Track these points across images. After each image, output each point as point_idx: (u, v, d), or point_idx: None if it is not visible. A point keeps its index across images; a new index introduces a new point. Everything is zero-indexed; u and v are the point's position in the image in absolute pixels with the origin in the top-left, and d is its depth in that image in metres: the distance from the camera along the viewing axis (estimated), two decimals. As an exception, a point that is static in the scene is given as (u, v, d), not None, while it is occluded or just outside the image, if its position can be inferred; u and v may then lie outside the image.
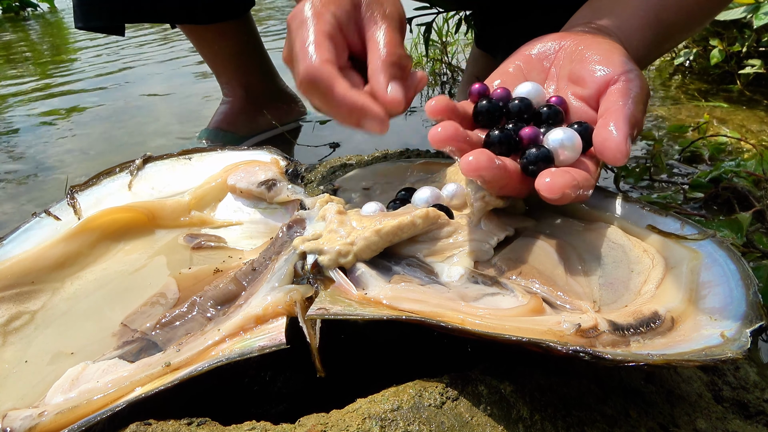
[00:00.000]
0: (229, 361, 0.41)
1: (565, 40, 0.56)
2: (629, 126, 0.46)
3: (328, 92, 0.50)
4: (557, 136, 0.48)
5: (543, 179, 0.44)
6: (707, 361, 0.35)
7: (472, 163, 0.44)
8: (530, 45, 0.58)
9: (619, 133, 0.46)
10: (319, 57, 0.51)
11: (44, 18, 3.91)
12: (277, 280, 0.47)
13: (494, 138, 0.50)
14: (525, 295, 0.44)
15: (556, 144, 0.48)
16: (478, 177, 0.45)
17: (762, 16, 1.19)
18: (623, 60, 0.51)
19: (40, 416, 0.40)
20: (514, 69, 0.57)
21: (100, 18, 1.05)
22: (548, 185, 0.43)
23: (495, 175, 0.45)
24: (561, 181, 0.44)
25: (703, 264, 0.45)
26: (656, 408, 0.43)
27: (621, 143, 0.45)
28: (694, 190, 0.89)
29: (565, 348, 0.35)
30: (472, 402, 0.39)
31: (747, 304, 0.40)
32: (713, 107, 1.26)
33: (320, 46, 0.51)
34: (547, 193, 0.43)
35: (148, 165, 0.68)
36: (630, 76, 0.50)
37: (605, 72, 0.51)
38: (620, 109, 0.48)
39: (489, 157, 0.45)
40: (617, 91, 0.49)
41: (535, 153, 0.47)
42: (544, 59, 0.57)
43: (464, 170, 0.44)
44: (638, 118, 0.48)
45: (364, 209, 0.54)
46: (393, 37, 0.54)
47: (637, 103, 0.48)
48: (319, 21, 0.52)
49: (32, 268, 0.55)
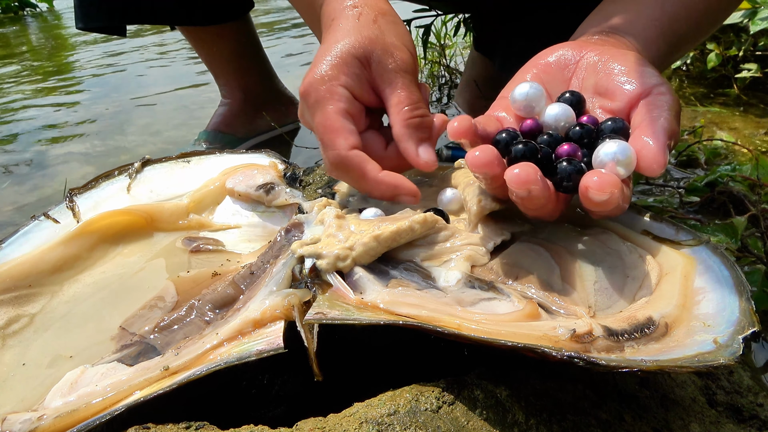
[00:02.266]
0: (227, 365, 0.41)
1: (586, 50, 0.54)
2: (665, 136, 0.45)
3: (360, 178, 0.53)
4: (610, 149, 0.44)
5: (591, 178, 0.42)
6: (700, 367, 0.35)
7: (521, 176, 0.42)
8: (547, 53, 0.56)
9: (655, 143, 0.44)
10: (346, 144, 0.53)
11: (43, 18, 3.90)
12: (275, 284, 0.48)
13: (518, 152, 0.46)
14: (521, 300, 0.45)
15: (607, 158, 0.44)
16: (526, 191, 0.43)
17: (759, 21, 1.19)
18: (652, 73, 0.50)
19: (40, 420, 0.40)
20: (531, 78, 0.55)
21: (100, 18, 1.06)
22: (598, 183, 0.42)
23: (542, 191, 0.43)
24: (610, 179, 0.42)
25: (697, 270, 0.46)
26: (650, 412, 0.43)
27: (658, 153, 0.44)
28: (690, 194, 0.90)
29: (559, 354, 0.36)
30: (468, 406, 0.39)
31: (740, 310, 0.40)
32: (710, 111, 1.27)
33: (341, 132, 0.53)
34: (598, 191, 0.42)
35: (146, 168, 0.68)
36: (662, 89, 0.48)
37: (635, 85, 0.49)
38: (655, 120, 0.46)
39: (535, 170, 0.43)
40: (650, 103, 0.48)
41: (567, 167, 0.45)
42: (563, 69, 0.55)
43: (512, 184, 0.43)
44: (674, 129, 0.46)
45: (364, 214, 0.55)
46: (410, 95, 0.56)
47: (672, 115, 0.47)
48: (332, 100, 0.54)
49: (31, 271, 0.56)
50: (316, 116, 0.55)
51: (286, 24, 2.71)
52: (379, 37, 0.56)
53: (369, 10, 0.58)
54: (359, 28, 0.57)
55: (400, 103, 0.55)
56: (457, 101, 1.42)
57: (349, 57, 0.55)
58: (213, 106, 1.27)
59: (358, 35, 0.56)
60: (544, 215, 0.47)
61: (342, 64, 0.55)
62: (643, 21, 0.58)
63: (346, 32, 0.57)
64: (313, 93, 0.55)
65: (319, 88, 0.55)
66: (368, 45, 0.56)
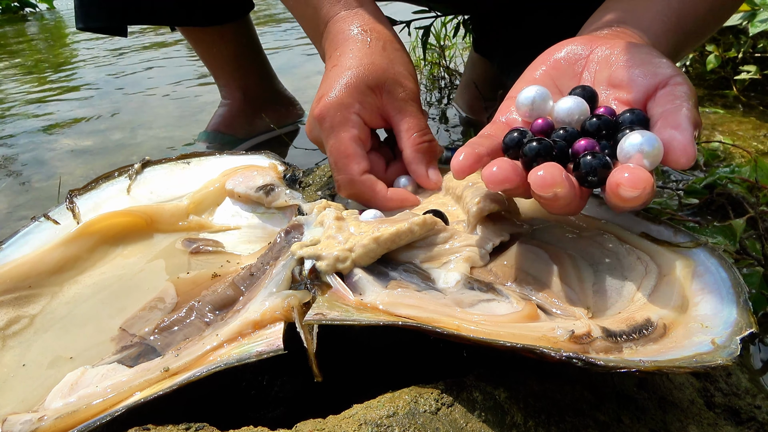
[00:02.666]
0: (227, 366, 0.41)
1: (596, 44, 0.53)
2: (692, 126, 0.43)
3: (371, 198, 0.59)
4: (635, 141, 0.42)
5: (621, 173, 0.40)
6: (697, 367, 0.36)
7: (546, 179, 0.40)
8: (556, 49, 0.55)
9: (682, 134, 0.42)
10: (358, 170, 0.59)
11: (43, 18, 3.90)
12: (275, 286, 0.48)
13: (532, 151, 0.44)
14: (520, 301, 0.45)
15: (633, 150, 0.42)
16: (552, 193, 0.41)
17: (758, 23, 1.20)
18: (667, 63, 0.49)
19: (40, 421, 0.40)
20: (541, 75, 0.54)
21: (100, 19, 1.06)
22: (630, 179, 0.39)
23: (569, 191, 0.41)
24: (642, 175, 0.40)
25: (695, 272, 0.46)
26: (649, 414, 0.44)
27: (688, 145, 0.42)
28: (689, 195, 0.90)
29: (558, 354, 0.36)
30: (467, 408, 0.39)
31: (737, 311, 0.40)
32: (709, 113, 1.27)
33: (353, 157, 0.59)
34: (630, 188, 0.39)
35: (146, 169, 0.68)
36: (679, 80, 0.47)
37: (651, 76, 0.48)
38: (678, 109, 0.44)
39: (560, 170, 0.41)
40: (669, 93, 0.46)
41: (592, 161, 0.42)
42: (573, 64, 0.53)
43: (537, 187, 0.41)
44: (696, 119, 0.45)
45: (363, 216, 0.55)
46: (419, 122, 0.61)
47: (691, 104, 0.45)
48: (346, 127, 0.60)
49: (31, 272, 0.56)
50: (330, 140, 0.60)
51: (287, 25, 2.71)
52: (389, 67, 0.61)
53: (377, 38, 0.63)
54: (371, 56, 0.61)
55: (410, 130, 0.61)
56: (457, 102, 1.42)
57: (363, 85, 0.60)
58: (213, 107, 1.28)
59: (370, 64, 0.61)
60: (569, 212, 0.45)
61: (356, 92, 0.60)
62: (649, 16, 0.58)
63: (358, 60, 0.61)
64: (329, 118, 0.59)
65: (335, 115, 0.59)
66: (380, 75, 0.61)
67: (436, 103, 1.51)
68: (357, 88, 0.60)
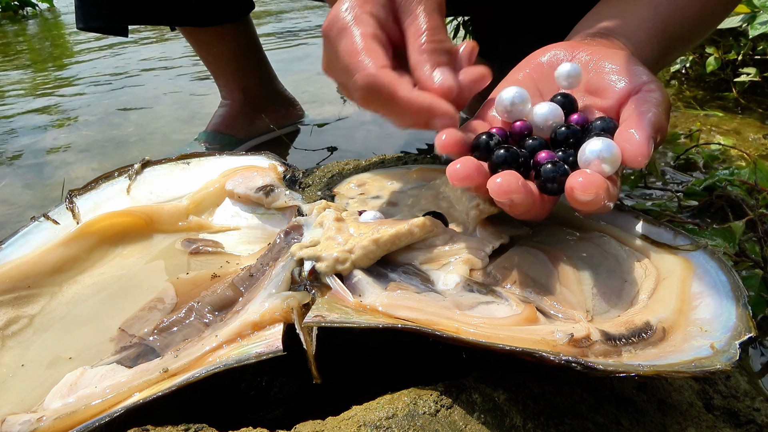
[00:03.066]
0: (226, 367, 0.41)
1: (578, 50, 0.54)
2: (651, 129, 0.45)
3: (391, 98, 0.48)
4: (594, 147, 0.44)
5: (576, 178, 0.42)
6: (697, 372, 0.36)
7: (503, 186, 0.42)
8: (540, 53, 0.56)
9: (640, 134, 0.44)
10: (375, 63, 0.48)
11: (43, 17, 3.90)
12: (274, 287, 0.48)
13: (499, 158, 0.46)
14: (519, 304, 0.45)
15: (593, 156, 0.44)
16: (508, 200, 0.43)
17: (757, 26, 1.20)
18: (642, 71, 0.50)
19: (39, 421, 0.40)
20: (524, 77, 0.55)
21: (100, 19, 1.06)
22: (582, 184, 0.42)
23: (525, 198, 0.43)
24: (595, 180, 0.42)
25: (695, 275, 0.46)
26: (648, 417, 0.44)
27: (642, 145, 0.44)
28: (688, 198, 0.90)
29: (557, 358, 0.36)
30: (466, 410, 0.39)
31: (737, 315, 0.40)
32: (709, 115, 1.27)
33: (372, 51, 0.48)
34: (582, 192, 0.42)
35: (146, 169, 0.68)
36: (651, 87, 0.48)
37: (625, 83, 0.50)
38: (642, 114, 0.46)
39: (517, 178, 0.43)
40: (639, 99, 0.48)
41: (553, 169, 0.45)
42: (555, 68, 0.54)
43: (494, 193, 0.43)
44: (661, 124, 0.46)
45: (363, 217, 0.55)
46: (432, 22, 0.51)
47: (659, 110, 0.47)
48: (360, 25, 0.50)
49: (30, 272, 0.56)
50: (341, 43, 0.50)
51: (287, 25, 2.71)
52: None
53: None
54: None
55: (418, 31, 0.51)
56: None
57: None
58: (213, 107, 1.28)
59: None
60: (530, 218, 0.47)
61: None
62: (635, 23, 0.59)
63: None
64: (338, 22, 0.50)
65: (345, 17, 0.50)
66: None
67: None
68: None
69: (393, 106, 0.48)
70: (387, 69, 0.48)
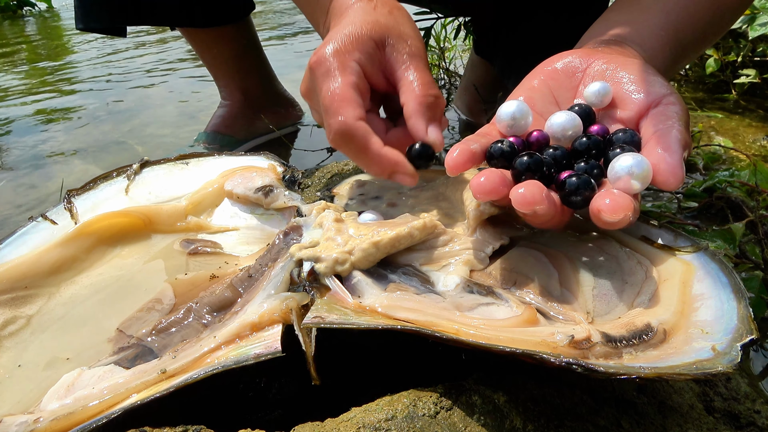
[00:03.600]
0: (224, 368, 0.41)
1: (593, 58, 0.54)
2: (681, 148, 0.44)
3: (362, 149, 0.52)
4: (626, 163, 0.43)
5: (603, 200, 0.41)
6: (698, 374, 0.35)
7: (527, 197, 0.41)
8: (554, 59, 0.56)
9: (672, 156, 0.43)
10: (352, 115, 0.52)
11: (42, 17, 3.90)
12: (273, 288, 0.48)
13: (522, 165, 0.45)
14: (519, 305, 0.45)
15: (623, 172, 0.43)
16: (532, 211, 0.42)
17: (757, 27, 1.20)
18: (661, 82, 0.49)
19: (36, 422, 0.40)
20: (539, 84, 0.55)
21: (100, 19, 1.06)
22: (610, 206, 0.41)
23: (548, 209, 0.42)
24: (623, 202, 0.41)
25: (696, 276, 0.46)
26: (648, 419, 0.43)
27: (676, 167, 0.43)
28: (688, 199, 0.90)
29: (558, 360, 0.36)
30: (466, 412, 0.39)
31: (738, 317, 0.40)
32: (708, 116, 1.27)
33: (350, 102, 0.52)
34: (611, 214, 0.41)
35: (145, 170, 0.68)
36: (672, 99, 0.48)
37: (644, 94, 0.49)
38: (668, 131, 0.45)
39: (541, 188, 0.42)
40: (661, 113, 0.47)
41: (577, 182, 0.44)
42: (571, 76, 0.54)
43: (517, 204, 0.42)
44: (687, 140, 0.46)
45: (362, 218, 0.55)
46: (424, 77, 0.55)
47: (683, 126, 0.46)
48: (344, 72, 0.54)
49: (28, 273, 0.56)
50: (324, 84, 0.54)
51: (289, 27, 2.71)
52: (394, 26, 0.57)
53: (383, 3, 0.58)
54: (375, 16, 0.57)
55: (415, 82, 0.55)
56: (457, 104, 1.42)
57: (365, 37, 0.55)
58: (212, 108, 1.27)
59: (374, 22, 0.56)
60: (550, 227, 0.47)
61: (357, 41, 0.55)
62: (647, 30, 0.58)
63: (362, 17, 0.56)
64: (325, 63, 0.54)
65: (332, 60, 0.54)
66: (384, 30, 0.56)
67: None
68: (359, 39, 0.55)
69: (362, 157, 0.53)
70: (362, 121, 0.52)
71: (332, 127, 0.53)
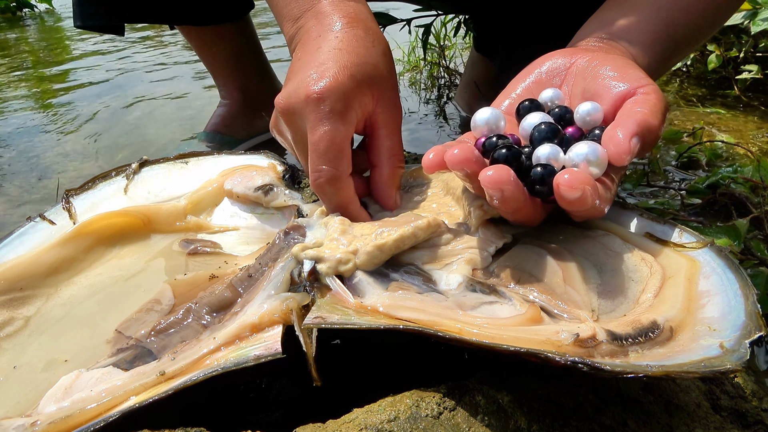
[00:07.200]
0: (224, 370, 0.40)
1: (576, 57, 0.55)
2: (637, 127, 0.45)
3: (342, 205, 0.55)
4: (581, 151, 0.45)
5: (561, 176, 0.42)
6: (706, 372, 0.35)
7: (494, 177, 0.43)
8: (540, 62, 0.57)
9: (623, 132, 0.45)
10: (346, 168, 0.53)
11: (42, 18, 3.89)
12: (273, 288, 0.47)
13: (500, 156, 0.46)
14: (523, 303, 0.44)
15: (579, 159, 0.45)
16: (499, 191, 0.43)
17: (759, 22, 1.19)
18: (639, 74, 0.50)
19: (33, 426, 0.39)
20: (523, 89, 0.56)
21: (98, 17, 1.05)
22: (568, 180, 0.42)
23: (514, 192, 0.44)
24: (581, 176, 0.42)
25: (702, 273, 0.45)
26: (654, 418, 0.43)
27: (623, 143, 0.44)
28: (691, 196, 0.89)
29: (563, 359, 0.35)
30: (470, 412, 0.38)
31: (746, 314, 0.39)
32: (710, 113, 1.26)
33: (347, 155, 0.54)
34: (568, 189, 0.42)
35: (144, 169, 0.67)
36: (647, 89, 0.49)
37: (621, 87, 0.50)
38: (630, 114, 0.47)
39: (509, 171, 0.43)
40: (634, 101, 0.48)
41: (541, 171, 0.45)
42: (554, 76, 0.56)
43: (485, 184, 0.43)
44: (649, 123, 0.46)
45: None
46: (398, 146, 0.58)
47: (652, 111, 0.47)
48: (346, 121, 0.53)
49: (26, 273, 0.55)
50: (324, 126, 0.52)
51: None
52: (383, 70, 0.56)
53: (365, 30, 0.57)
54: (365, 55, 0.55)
55: (392, 149, 0.58)
56: (457, 102, 1.42)
57: (364, 85, 0.54)
58: (212, 107, 1.27)
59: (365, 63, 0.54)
60: (523, 220, 0.48)
61: (358, 89, 0.53)
62: (638, 27, 0.58)
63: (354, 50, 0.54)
64: (331, 103, 0.52)
65: (338, 102, 0.52)
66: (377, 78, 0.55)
67: (436, 101, 1.50)
68: (359, 85, 0.53)
69: (340, 208, 0.55)
70: (351, 179, 0.54)
71: (322, 174, 0.53)
